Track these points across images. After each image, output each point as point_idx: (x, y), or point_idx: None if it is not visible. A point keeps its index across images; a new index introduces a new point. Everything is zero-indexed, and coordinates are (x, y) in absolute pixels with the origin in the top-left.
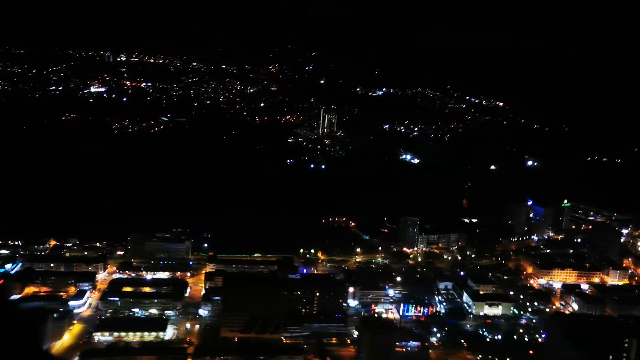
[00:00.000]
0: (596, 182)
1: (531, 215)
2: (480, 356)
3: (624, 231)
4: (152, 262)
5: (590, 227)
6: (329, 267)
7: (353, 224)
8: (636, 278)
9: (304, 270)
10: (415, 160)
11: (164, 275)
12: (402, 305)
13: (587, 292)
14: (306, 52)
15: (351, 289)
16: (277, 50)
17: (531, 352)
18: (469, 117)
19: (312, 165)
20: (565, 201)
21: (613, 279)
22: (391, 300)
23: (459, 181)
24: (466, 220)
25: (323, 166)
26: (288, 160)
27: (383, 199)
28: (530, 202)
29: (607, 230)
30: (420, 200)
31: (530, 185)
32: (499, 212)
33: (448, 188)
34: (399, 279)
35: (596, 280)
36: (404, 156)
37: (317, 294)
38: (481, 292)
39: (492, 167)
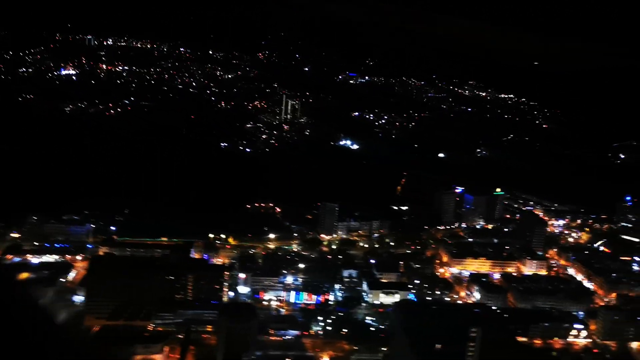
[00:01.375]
0: (551, 175)
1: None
2: (356, 346)
3: (561, 222)
4: (48, 245)
5: (507, 215)
6: (236, 252)
7: (278, 210)
8: (555, 269)
9: (206, 257)
10: (355, 146)
11: (51, 259)
12: (293, 292)
13: (493, 282)
14: (299, 40)
15: (242, 275)
16: (270, 37)
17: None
18: (445, 107)
19: (247, 150)
20: (498, 190)
21: (530, 269)
22: (282, 287)
23: (401, 168)
24: (395, 207)
25: (248, 150)
26: (222, 145)
27: (315, 185)
28: (459, 190)
29: (532, 220)
30: (352, 186)
31: (473, 174)
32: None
33: (386, 175)
34: (302, 265)
35: (511, 270)
36: (343, 142)
37: (191, 279)
38: (383, 281)
39: (441, 154)
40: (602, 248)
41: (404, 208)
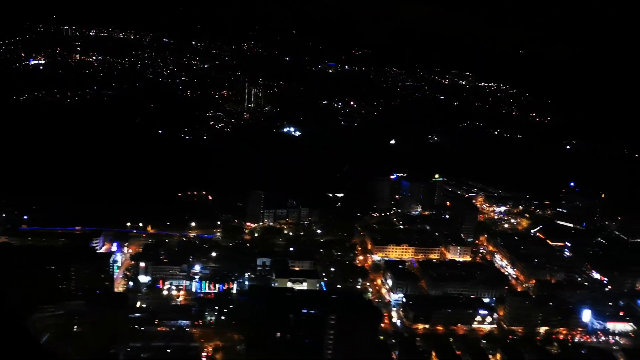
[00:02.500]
0: (502, 161)
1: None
2: (243, 336)
3: (502, 208)
4: None
5: (448, 203)
6: (151, 241)
7: (211, 197)
8: (483, 255)
9: (117, 245)
10: (297, 133)
11: None
12: (195, 281)
13: (410, 269)
14: (287, 31)
15: (142, 264)
16: (257, 28)
17: None
18: (418, 95)
19: (198, 139)
20: (437, 176)
21: (453, 255)
22: (185, 276)
23: (344, 155)
24: (331, 195)
25: (201, 138)
26: (159, 131)
27: (252, 173)
28: (394, 177)
29: (464, 206)
30: (288, 174)
31: (421, 161)
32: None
33: (326, 162)
34: (214, 254)
35: (435, 256)
36: (286, 129)
37: (73, 269)
38: (296, 269)
39: (392, 141)
40: (537, 234)
41: (340, 195)
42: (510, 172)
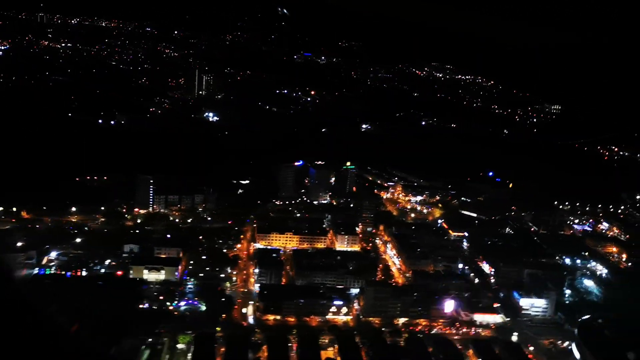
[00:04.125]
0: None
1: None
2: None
3: (419, 198)
4: None
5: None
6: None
7: (110, 182)
8: (371, 244)
9: None
10: (215, 118)
11: None
12: (36, 269)
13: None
14: (276, 22)
15: None
16: (246, 19)
17: None
18: (385, 86)
19: (112, 122)
20: (348, 164)
21: (341, 245)
22: (33, 264)
23: (264, 142)
24: (235, 181)
25: (113, 122)
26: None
27: (158, 158)
28: (299, 163)
29: (364, 194)
30: (196, 159)
31: (349, 149)
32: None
33: (242, 148)
34: (78, 240)
35: (321, 245)
36: (206, 114)
37: None
38: (162, 256)
39: (323, 129)
40: (442, 224)
41: (244, 182)
42: (437, 163)
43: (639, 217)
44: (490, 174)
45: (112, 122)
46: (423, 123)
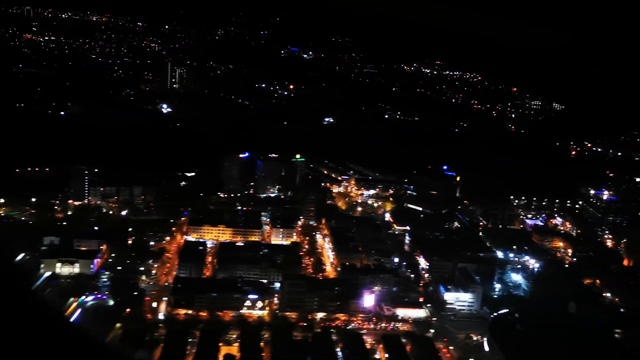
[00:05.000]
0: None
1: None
2: None
3: (372, 192)
4: None
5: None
6: None
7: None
8: (309, 238)
9: None
10: (168, 110)
11: None
12: None
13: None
14: (271, 18)
15: None
16: (241, 14)
17: None
18: (367, 80)
19: (63, 113)
20: (298, 156)
21: (276, 238)
22: None
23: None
24: (180, 173)
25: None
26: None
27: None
28: (245, 155)
29: (310, 187)
30: (142, 150)
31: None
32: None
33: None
34: None
35: (255, 238)
36: (160, 106)
37: None
38: (82, 249)
39: (285, 122)
40: (389, 218)
41: (190, 174)
42: (395, 156)
43: (593, 213)
44: (445, 167)
45: (62, 113)
46: (386, 117)
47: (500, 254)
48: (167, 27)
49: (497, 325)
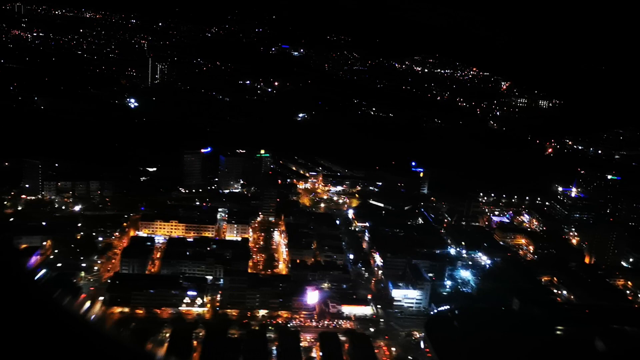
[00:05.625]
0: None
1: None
2: None
3: (339, 188)
4: None
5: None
6: None
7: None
8: (266, 234)
9: None
10: (135, 104)
11: None
12: None
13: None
14: (267, 16)
15: None
16: (237, 12)
17: None
18: (349, 77)
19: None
20: (262, 152)
21: (230, 234)
22: None
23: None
24: (142, 168)
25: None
26: None
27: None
28: (207, 150)
29: (265, 183)
30: (104, 145)
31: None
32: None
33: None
34: None
35: (208, 234)
36: (127, 101)
37: None
38: (23, 246)
39: (260, 118)
40: (351, 214)
41: (152, 169)
42: (364, 153)
43: (560, 210)
44: (413, 163)
45: (31, 106)
46: (359, 112)
47: (453, 251)
48: (160, 24)
49: (434, 322)
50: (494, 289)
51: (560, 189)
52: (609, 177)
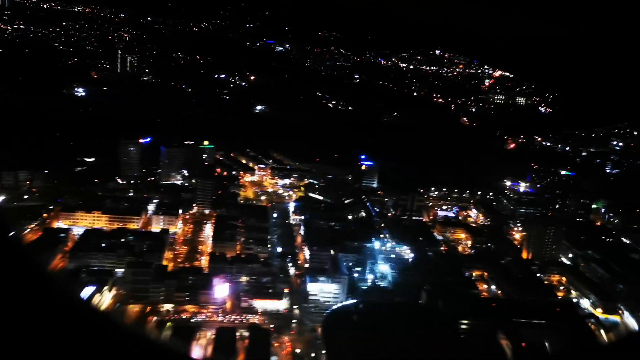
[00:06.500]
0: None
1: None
2: None
3: (287, 181)
4: None
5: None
6: None
7: None
8: (195, 226)
9: None
10: (83, 93)
11: None
12: None
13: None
14: (259, 12)
15: None
16: (230, 8)
17: None
18: (336, 73)
19: None
20: (206, 143)
21: (157, 226)
22: None
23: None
24: (79, 159)
25: None
26: None
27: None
28: (146, 140)
29: (206, 175)
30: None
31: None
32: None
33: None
34: None
35: (134, 226)
36: (75, 90)
37: None
38: None
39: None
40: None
41: (90, 160)
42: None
43: (506, 205)
44: (363, 156)
45: None
46: (318, 106)
47: (379, 245)
48: (149, 18)
49: (333, 317)
50: (414, 283)
51: (508, 183)
52: (563, 172)
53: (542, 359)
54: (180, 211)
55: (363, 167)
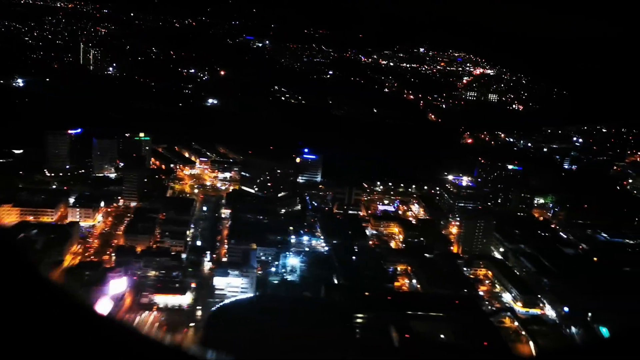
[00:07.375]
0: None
1: None
2: None
3: (227, 175)
4: None
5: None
6: None
7: None
8: (112, 220)
9: None
10: (21, 84)
11: None
12: None
13: None
14: (248, 8)
15: None
16: (218, 5)
17: None
18: (303, 68)
19: None
20: (142, 135)
21: (73, 218)
22: None
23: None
24: (7, 150)
25: None
26: None
27: None
28: (76, 131)
29: (134, 167)
30: None
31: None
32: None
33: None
34: None
35: (48, 219)
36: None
37: None
38: None
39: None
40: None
41: (17, 152)
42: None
43: (447, 199)
44: (305, 150)
45: None
46: (270, 98)
47: (304, 239)
48: (132, 14)
49: (221, 312)
50: (325, 277)
51: (450, 177)
52: (510, 167)
53: (429, 349)
54: (102, 204)
55: (298, 160)
